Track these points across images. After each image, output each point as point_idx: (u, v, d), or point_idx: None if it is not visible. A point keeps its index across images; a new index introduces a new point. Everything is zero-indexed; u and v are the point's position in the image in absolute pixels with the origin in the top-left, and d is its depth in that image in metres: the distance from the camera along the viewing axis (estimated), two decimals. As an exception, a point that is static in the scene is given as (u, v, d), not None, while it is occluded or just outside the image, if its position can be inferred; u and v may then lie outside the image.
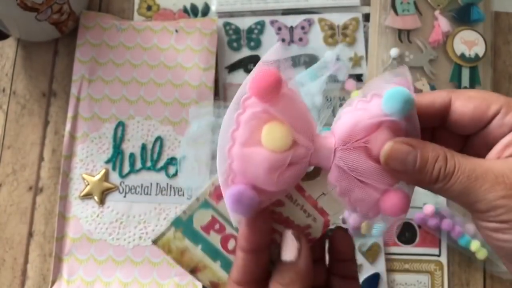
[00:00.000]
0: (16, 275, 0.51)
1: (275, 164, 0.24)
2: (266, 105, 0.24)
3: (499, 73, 0.56)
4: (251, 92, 0.24)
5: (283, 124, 0.24)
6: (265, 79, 0.24)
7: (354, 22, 0.56)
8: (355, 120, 0.25)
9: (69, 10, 0.52)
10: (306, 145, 0.25)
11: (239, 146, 0.24)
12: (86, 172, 0.52)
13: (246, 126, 0.24)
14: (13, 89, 0.55)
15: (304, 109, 0.26)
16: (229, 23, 0.56)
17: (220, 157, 0.25)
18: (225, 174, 0.25)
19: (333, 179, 0.26)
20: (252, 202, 0.25)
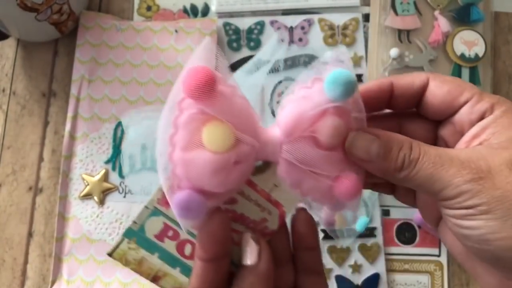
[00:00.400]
0: (16, 275, 0.51)
1: (219, 166, 0.23)
2: (202, 105, 0.23)
3: (499, 73, 0.56)
4: (185, 93, 0.23)
5: (223, 124, 0.23)
6: (197, 78, 0.23)
7: (354, 22, 0.56)
8: (299, 110, 0.24)
9: (69, 10, 0.52)
10: (250, 142, 0.24)
11: (180, 150, 0.23)
12: (86, 173, 0.52)
13: (185, 129, 0.23)
14: (13, 89, 0.55)
15: (245, 105, 0.25)
16: (229, 23, 0.56)
17: (161, 164, 0.24)
18: (168, 180, 0.24)
19: (282, 172, 0.25)
20: (200, 207, 0.24)
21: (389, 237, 0.52)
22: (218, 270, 0.26)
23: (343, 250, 0.51)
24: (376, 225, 0.52)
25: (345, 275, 0.51)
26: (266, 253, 0.26)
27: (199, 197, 0.23)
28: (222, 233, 0.25)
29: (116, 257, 0.29)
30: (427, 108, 0.27)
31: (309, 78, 0.25)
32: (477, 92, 0.26)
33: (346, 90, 0.24)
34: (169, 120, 0.24)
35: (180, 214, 0.24)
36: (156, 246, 0.29)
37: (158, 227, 0.29)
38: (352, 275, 0.51)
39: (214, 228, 0.25)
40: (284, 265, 0.29)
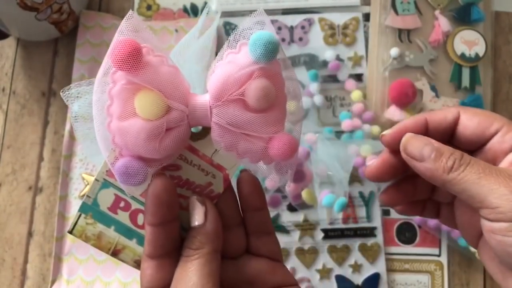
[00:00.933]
0: (16, 275, 0.51)
1: (152, 132, 0.24)
2: (130, 76, 0.24)
3: (499, 73, 0.56)
4: (113, 65, 0.24)
5: (152, 92, 0.24)
6: (123, 50, 0.24)
7: (354, 21, 0.56)
8: (225, 73, 0.25)
9: (69, 9, 0.52)
10: (180, 108, 0.25)
11: (116, 120, 0.24)
12: (86, 172, 0.52)
13: (118, 100, 0.24)
14: (12, 88, 0.55)
15: (174, 73, 0.25)
16: (229, 22, 0.56)
17: (100, 134, 0.25)
18: (109, 150, 0.25)
19: (216, 136, 0.26)
20: (139, 172, 0.25)
21: (389, 237, 0.52)
22: (168, 235, 0.27)
23: (343, 249, 0.51)
24: (377, 225, 0.52)
25: (345, 274, 0.51)
26: (212, 213, 0.27)
27: (138, 163, 0.25)
28: (167, 196, 0.26)
29: (76, 234, 0.30)
30: (460, 139, 0.29)
31: (236, 43, 0.26)
32: (506, 122, 0.27)
33: (268, 50, 0.24)
34: (104, 92, 0.25)
35: (121, 180, 0.25)
36: (111, 218, 0.29)
37: (110, 199, 0.29)
38: (352, 274, 0.51)
39: (158, 191, 0.26)
40: (234, 228, 0.30)
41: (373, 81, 0.54)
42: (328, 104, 0.54)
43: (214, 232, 0.27)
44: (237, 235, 0.30)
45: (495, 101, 0.55)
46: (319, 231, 0.51)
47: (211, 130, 0.26)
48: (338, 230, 0.51)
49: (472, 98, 0.53)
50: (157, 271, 0.27)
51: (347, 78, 0.55)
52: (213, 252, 0.27)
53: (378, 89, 0.54)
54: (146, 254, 0.27)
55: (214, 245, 0.27)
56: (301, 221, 0.51)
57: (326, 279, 0.50)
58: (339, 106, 0.54)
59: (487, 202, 0.24)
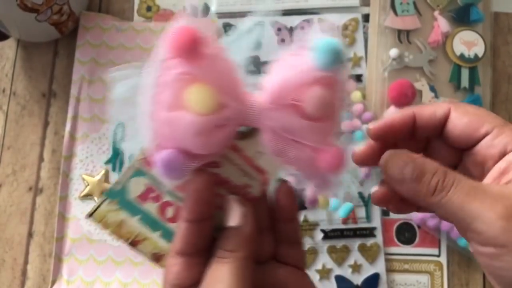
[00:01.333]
0: (16, 275, 0.51)
1: (202, 128, 0.23)
2: (188, 66, 0.23)
3: (499, 73, 0.56)
4: (170, 52, 0.23)
5: (207, 86, 0.23)
6: (183, 38, 0.22)
7: (354, 22, 0.57)
8: (286, 76, 0.24)
9: (69, 11, 0.53)
10: (234, 106, 0.24)
11: (163, 110, 0.23)
12: (86, 173, 0.52)
13: (169, 89, 0.23)
14: (13, 89, 0.55)
15: (230, 68, 0.24)
16: (229, 23, 0.56)
17: (144, 122, 0.24)
18: (151, 139, 0.24)
19: (265, 139, 0.25)
20: (182, 167, 0.24)
21: (389, 237, 0.52)
22: (201, 233, 0.26)
23: (343, 250, 0.51)
24: (376, 225, 0.52)
25: (345, 275, 0.51)
26: (251, 215, 0.26)
27: (182, 157, 0.23)
28: (207, 193, 0.26)
29: (96, 218, 0.28)
30: (448, 138, 0.27)
31: (298, 46, 0.25)
32: (498, 125, 0.26)
33: (335, 59, 0.23)
34: (153, 79, 0.23)
35: (163, 172, 0.24)
36: (137, 208, 0.28)
37: (141, 188, 0.28)
38: (352, 275, 0.51)
39: (199, 188, 0.25)
40: (264, 233, 0.29)
41: (372, 81, 0.54)
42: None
43: (250, 235, 0.26)
44: (266, 240, 0.29)
45: (494, 102, 0.55)
46: (319, 231, 0.51)
47: (262, 133, 0.25)
48: (337, 231, 0.51)
49: (471, 99, 0.53)
50: (185, 269, 0.26)
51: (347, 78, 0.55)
52: (248, 257, 0.26)
53: (378, 90, 0.54)
54: (176, 251, 0.26)
55: (250, 250, 0.26)
56: (301, 221, 0.51)
57: (326, 279, 0.51)
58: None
59: (473, 227, 0.23)
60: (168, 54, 0.23)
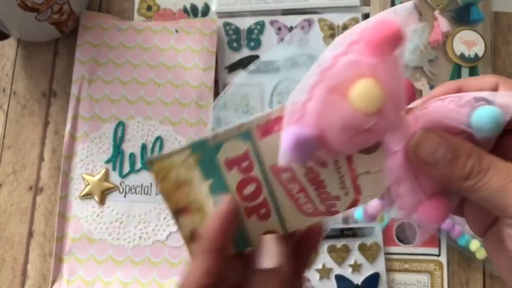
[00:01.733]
0: (16, 274, 0.51)
1: (354, 123, 0.22)
2: (375, 58, 0.22)
3: (499, 73, 0.56)
4: (365, 39, 0.22)
5: (380, 86, 0.22)
6: (386, 30, 0.21)
7: (354, 22, 0.57)
8: (443, 115, 0.23)
9: (69, 10, 0.53)
10: (391, 119, 0.22)
11: (324, 87, 0.22)
12: (86, 172, 0.52)
13: (341, 71, 0.22)
14: (13, 89, 0.55)
15: (402, 81, 0.23)
16: (229, 23, 0.56)
17: (298, 89, 0.23)
18: (294, 109, 0.23)
19: (396, 163, 0.24)
20: (310, 151, 0.22)
21: (389, 237, 0.52)
22: (221, 262, 0.25)
23: (343, 249, 0.51)
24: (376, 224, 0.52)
25: (345, 274, 0.51)
26: (290, 257, 0.25)
27: (315, 142, 0.22)
28: (235, 223, 0.25)
29: (156, 167, 0.24)
30: None
31: (464, 97, 0.24)
32: None
33: (492, 131, 0.23)
34: (330, 55, 0.22)
35: (288, 146, 0.22)
36: (217, 172, 0.25)
37: (237, 152, 0.24)
38: (352, 274, 0.51)
39: (232, 219, 0.25)
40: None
41: (372, 81, 0.54)
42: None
43: (288, 278, 0.25)
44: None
45: (494, 101, 0.55)
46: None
47: (395, 156, 0.24)
48: (337, 230, 0.51)
49: (471, 98, 0.53)
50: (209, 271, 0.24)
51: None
52: None
53: (378, 89, 0.54)
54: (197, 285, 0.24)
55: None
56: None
57: (326, 278, 0.51)
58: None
59: (509, 212, 0.22)
60: (358, 38, 0.22)
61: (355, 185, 0.26)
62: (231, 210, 0.25)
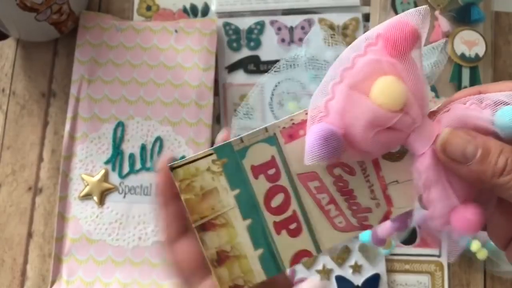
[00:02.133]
0: (16, 275, 0.51)
1: (378, 120, 0.22)
2: (393, 58, 0.22)
3: (500, 73, 0.56)
4: (382, 40, 0.22)
5: (402, 84, 0.22)
6: (404, 32, 0.22)
7: (354, 22, 0.56)
8: (467, 115, 0.23)
9: (68, 10, 0.52)
10: (415, 116, 0.23)
11: (346, 85, 0.22)
12: (85, 173, 0.52)
13: (362, 69, 0.22)
14: (12, 89, 0.55)
15: (423, 80, 0.23)
16: (229, 23, 0.56)
17: (319, 91, 0.23)
18: (317, 109, 0.23)
19: (424, 165, 0.23)
20: (337, 147, 0.22)
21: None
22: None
23: (344, 250, 0.51)
24: (377, 225, 0.52)
25: (346, 275, 0.50)
26: None
27: (341, 138, 0.22)
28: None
29: (180, 174, 0.23)
30: None
31: (485, 100, 0.24)
32: None
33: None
34: (350, 55, 0.23)
35: (314, 144, 0.22)
36: (244, 180, 0.23)
37: (263, 157, 0.23)
38: (353, 275, 0.51)
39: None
40: None
41: (373, 81, 0.54)
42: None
43: None
44: None
45: (495, 102, 0.55)
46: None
47: (423, 158, 0.23)
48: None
49: (472, 99, 0.53)
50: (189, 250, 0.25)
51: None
52: None
53: (378, 90, 0.54)
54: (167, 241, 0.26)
55: None
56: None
57: (326, 279, 0.50)
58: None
59: None
60: (375, 41, 0.23)
61: (385, 195, 0.25)
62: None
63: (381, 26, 0.23)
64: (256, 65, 0.55)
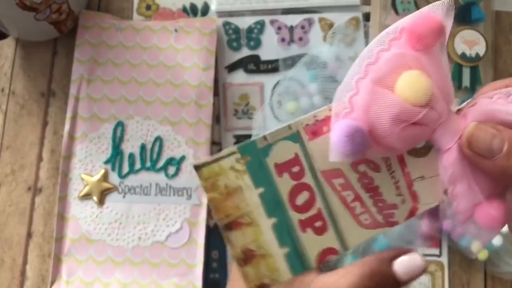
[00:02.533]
0: (15, 275, 0.51)
1: (404, 115, 0.22)
2: (419, 52, 0.22)
3: (500, 72, 0.56)
4: (407, 34, 0.22)
5: (426, 78, 0.22)
6: (428, 25, 0.22)
7: (354, 21, 0.56)
8: (493, 109, 0.23)
9: (68, 10, 0.52)
10: (441, 111, 0.22)
11: (370, 80, 0.22)
12: (85, 173, 0.52)
13: (386, 64, 0.22)
14: (12, 89, 0.55)
15: (449, 74, 0.23)
16: (229, 22, 0.56)
17: (343, 86, 0.23)
18: (342, 105, 0.23)
19: (450, 160, 0.23)
20: (363, 144, 0.22)
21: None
22: None
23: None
24: (377, 225, 0.51)
25: (346, 275, 0.50)
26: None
27: (366, 134, 0.22)
28: None
29: (205, 173, 0.23)
30: None
31: (510, 93, 0.23)
32: None
33: None
34: (374, 50, 0.23)
35: (340, 140, 0.22)
36: (268, 178, 0.23)
37: (287, 155, 0.23)
38: (353, 275, 0.50)
39: None
40: None
41: (373, 81, 0.54)
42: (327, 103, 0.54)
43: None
44: None
45: (495, 101, 0.55)
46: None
47: (448, 153, 0.23)
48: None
49: (472, 98, 0.53)
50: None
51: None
52: None
53: (378, 89, 0.54)
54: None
55: None
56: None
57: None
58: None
59: None
60: (399, 35, 0.23)
61: (411, 192, 0.25)
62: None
63: (405, 20, 0.23)
64: (256, 64, 0.55)
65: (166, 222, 0.50)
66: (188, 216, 0.50)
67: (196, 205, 0.51)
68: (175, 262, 0.50)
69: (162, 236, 0.50)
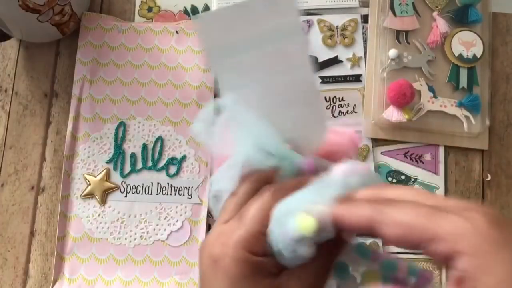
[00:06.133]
0: (18, 274, 0.51)
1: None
2: None
3: (497, 73, 0.56)
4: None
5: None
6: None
7: (353, 23, 0.57)
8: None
9: (70, 11, 0.53)
10: None
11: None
12: (87, 172, 0.52)
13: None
14: (15, 89, 0.56)
15: None
16: (229, 24, 0.57)
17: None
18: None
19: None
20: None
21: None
22: None
23: (343, 249, 0.51)
24: (375, 224, 0.52)
25: (345, 273, 0.51)
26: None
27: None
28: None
29: None
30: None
31: None
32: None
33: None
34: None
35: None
36: None
37: None
38: (351, 273, 0.51)
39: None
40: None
41: (371, 82, 0.55)
42: (327, 104, 0.55)
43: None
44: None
45: (492, 102, 0.55)
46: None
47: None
48: (337, 229, 0.52)
49: (469, 99, 0.53)
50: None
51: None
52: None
53: (377, 90, 0.54)
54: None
55: None
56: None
57: (326, 278, 0.51)
58: (338, 107, 0.55)
59: None
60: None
61: None
62: None
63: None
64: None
65: (167, 221, 0.51)
66: (189, 215, 0.51)
67: (197, 204, 0.51)
68: (176, 260, 0.50)
69: (163, 235, 0.51)
